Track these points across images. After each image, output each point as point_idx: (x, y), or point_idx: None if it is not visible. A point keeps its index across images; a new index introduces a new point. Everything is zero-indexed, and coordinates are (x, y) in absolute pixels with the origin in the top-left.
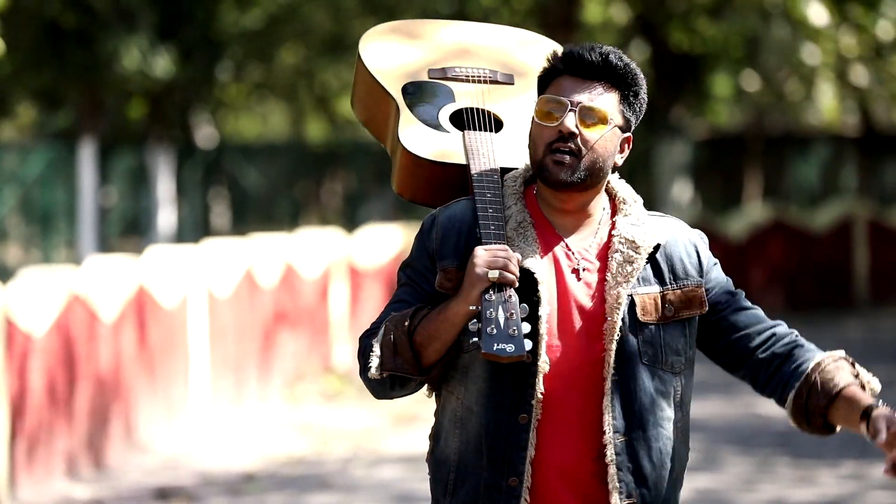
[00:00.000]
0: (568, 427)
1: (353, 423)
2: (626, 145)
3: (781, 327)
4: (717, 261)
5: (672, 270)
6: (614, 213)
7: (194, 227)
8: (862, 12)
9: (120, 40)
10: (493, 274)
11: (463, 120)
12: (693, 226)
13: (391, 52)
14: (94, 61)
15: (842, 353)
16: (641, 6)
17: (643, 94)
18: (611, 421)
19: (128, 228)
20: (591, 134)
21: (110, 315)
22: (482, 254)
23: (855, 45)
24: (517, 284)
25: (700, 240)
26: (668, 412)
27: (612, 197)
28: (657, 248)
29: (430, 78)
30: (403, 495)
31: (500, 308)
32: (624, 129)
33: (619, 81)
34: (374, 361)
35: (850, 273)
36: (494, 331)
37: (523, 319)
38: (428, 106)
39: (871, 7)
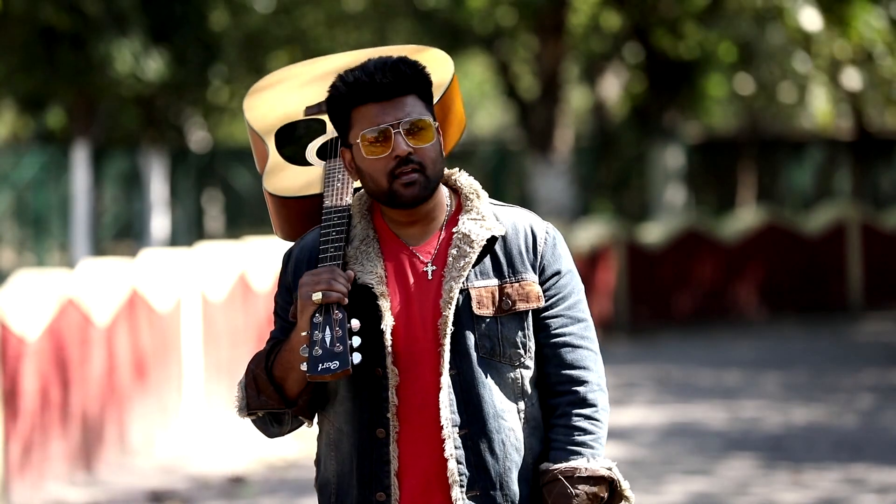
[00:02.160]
0: (428, 432)
1: None
2: (440, 134)
3: (576, 395)
4: (570, 269)
5: (510, 263)
6: (459, 209)
7: (188, 231)
8: (853, 12)
9: (112, 43)
10: (317, 296)
11: (328, 150)
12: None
13: (270, 102)
14: (86, 64)
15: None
16: (634, 11)
17: (431, 81)
18: (448, 415)
19: (121, 232)
20: (424, 145)
21: (104, 319)
22: (305, 279)
23: (847, 49)
24: (346, 301)
25: (544, 234)
26: (509, 404)
27: (457, 192)
28: (494, 240)
29: (306, 115)
30: None
31: (328, 328)
32: (435, 122)
33: (414, 84)
34: (239, 403)
35: (843, 277)
36: (319, 351)
37: (356, 333)
38: (298, 144)
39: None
